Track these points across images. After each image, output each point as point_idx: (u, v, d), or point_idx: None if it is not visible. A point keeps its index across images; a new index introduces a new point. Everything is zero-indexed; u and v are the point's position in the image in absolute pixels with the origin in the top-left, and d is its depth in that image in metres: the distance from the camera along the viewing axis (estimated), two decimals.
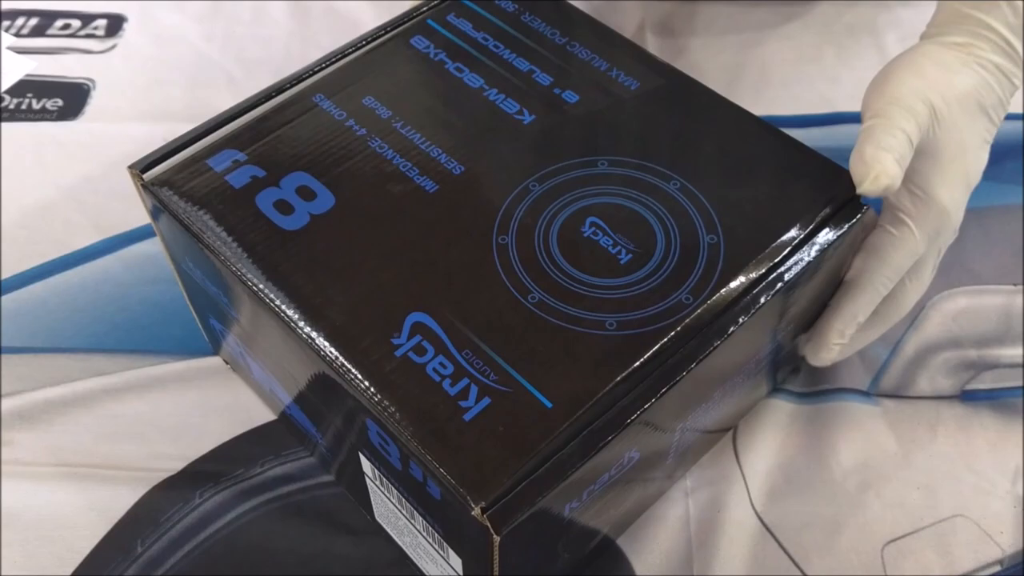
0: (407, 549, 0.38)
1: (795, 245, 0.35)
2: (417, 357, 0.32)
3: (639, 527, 0.41)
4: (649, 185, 0.37)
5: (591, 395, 0.31)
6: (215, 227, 0.35)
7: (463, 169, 0.37)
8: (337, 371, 0.32)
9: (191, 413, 0.44)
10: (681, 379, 0.32)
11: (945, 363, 0.46)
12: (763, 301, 0.34)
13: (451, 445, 0.30)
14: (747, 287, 0.34)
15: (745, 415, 0.44)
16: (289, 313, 0.33)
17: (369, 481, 0.36)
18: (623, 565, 0.40)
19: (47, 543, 0.40)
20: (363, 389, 0.31)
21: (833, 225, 0.36)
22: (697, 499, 0.42)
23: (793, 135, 0.39)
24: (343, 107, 0.39)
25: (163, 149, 0.38)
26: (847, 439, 0.43)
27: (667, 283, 0.34)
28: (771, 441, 0.43)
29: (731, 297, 0.34)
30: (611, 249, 0.35)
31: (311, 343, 0.32)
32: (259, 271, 0.34)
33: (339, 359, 0.32)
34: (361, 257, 0.35)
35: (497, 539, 0.29)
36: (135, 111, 0.57)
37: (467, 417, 0.30)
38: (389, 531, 0.39)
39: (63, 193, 0.53)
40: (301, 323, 0.33)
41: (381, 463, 0.34)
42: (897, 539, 0.41)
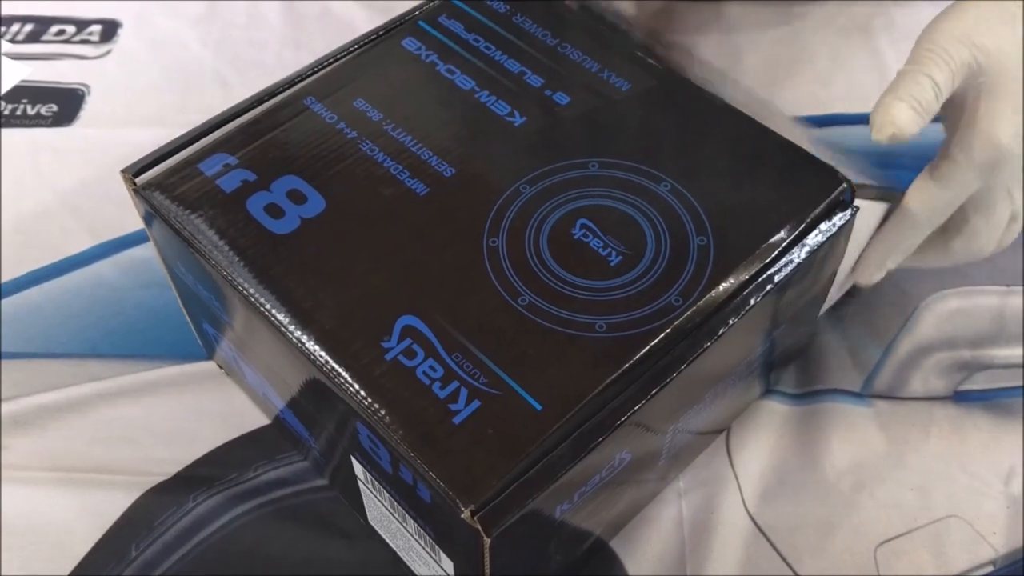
0: (400, 552, 0.38)
1: (785, 246, 0.35)
2: (407, 360, 0.32)
3: (632, 529, 0.41)
4: (640, 187, 0.37)
5: (581, 397, 0.31)
6: (206, 231, 0.35)
7: (454, 171, 0.37)
8: (327, 375, 0.32)
9: (185, 418, 0.44)
10: (672, 381, 0.32)
11: (938, 364, 0.46)
12: (753, 303, 0.34)
13: (441, 448, 0.30)
14: (737, 288, 0.34)
15: (738, 416, 0.44)
16: (279, 317, 0.33)
17: (361, 485, 0.36)
18: (616, 567, 0.40)
19: (42, 548, 0.40)
20: (353, 393, 0.31)
21: (824, 226, 0.36)
22: (690, 500, 0.42)
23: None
24: (334, 110, 0.39)
25: (155, 153, 0.38)
26: (840, 440, 0.43)
27: (657, 285, 0.34)
28: (764, 442, 0.43)
29: (721, 299, 0.34)
30: (601, 251, 0.35)
31: (301, 347, 0.32)
32: (250, 275, 0.34)
33: (329, 363, 0.32)
34: (351, 260, 0.35)
35: (488, 541, 0.29)
36: (130, 116, 0.57)
37: (457, 420, 0.30)
38: (382, 534, 0.39)
39: (58, 198, 0.53)
40: (291, 327, 0.33)
41: (372, 467, 0.34)
42: (890, 540, 0.41)
